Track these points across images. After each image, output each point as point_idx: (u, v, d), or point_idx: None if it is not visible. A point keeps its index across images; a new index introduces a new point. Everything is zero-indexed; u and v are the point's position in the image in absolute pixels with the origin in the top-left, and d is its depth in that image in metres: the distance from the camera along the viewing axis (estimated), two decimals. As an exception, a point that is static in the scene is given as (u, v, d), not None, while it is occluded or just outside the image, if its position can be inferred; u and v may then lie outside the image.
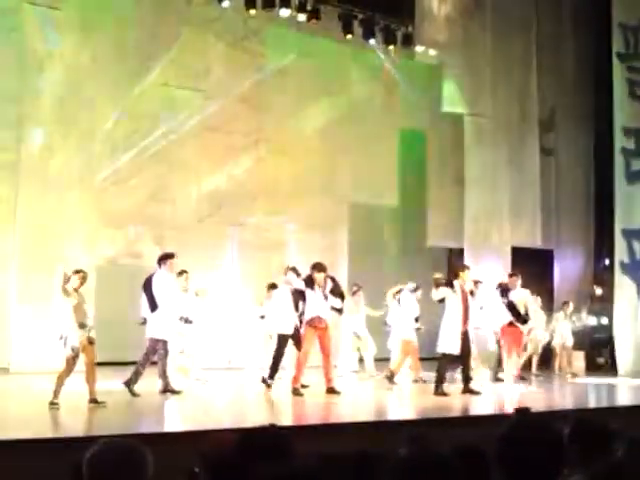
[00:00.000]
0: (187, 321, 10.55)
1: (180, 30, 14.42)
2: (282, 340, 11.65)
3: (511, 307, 12.19)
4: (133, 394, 10.14)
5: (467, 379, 11.33)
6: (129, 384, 10.21)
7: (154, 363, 10.68)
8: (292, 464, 2.69)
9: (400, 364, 12.72)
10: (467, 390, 11.21)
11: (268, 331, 12.50)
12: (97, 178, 14.09)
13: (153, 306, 10.60)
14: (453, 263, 17.15)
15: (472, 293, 11.57)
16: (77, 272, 9.46)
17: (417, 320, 12.92)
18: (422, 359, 13.20)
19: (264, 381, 11.27)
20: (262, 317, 12.74)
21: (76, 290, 9.27)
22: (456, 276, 11.44)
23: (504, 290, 12.30)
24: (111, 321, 10.62)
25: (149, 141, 14.64)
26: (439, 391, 10.99)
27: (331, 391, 10.76)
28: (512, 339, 12.25)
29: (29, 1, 13.30)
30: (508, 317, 12.19)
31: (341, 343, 13.73)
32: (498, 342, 13.06)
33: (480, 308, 12.47)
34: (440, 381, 11.09)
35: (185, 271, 12.29)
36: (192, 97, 15.03)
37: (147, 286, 10.73)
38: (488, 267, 16.08)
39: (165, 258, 10.81)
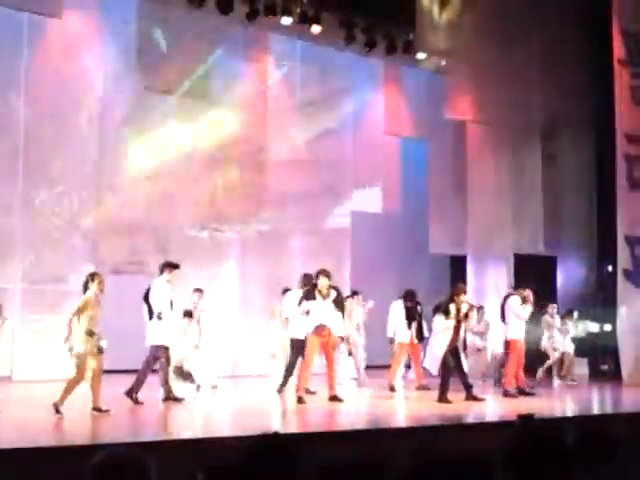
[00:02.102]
0: (159, 317, 10.54)
1: (182, 38, 14.44)
2: (296, 345, 11.72)
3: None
4: (136, 402, 10.13)
5: (468, 386, 11.30)
6: (131, 393, 10.20)
7: (155, 371, 10.67)
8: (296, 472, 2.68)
9: (392, 370, 12.69)
10: (470, 397, 11.20)
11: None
12: (99, 186, 14.11)
13: (151, 314, 10.62)
14: (455, 272, 17.19)
15: (467, 316, 11.45)
16: (93, 276, 9.42)
17: (410, 326, 12.91)
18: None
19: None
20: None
21: (97, 295, 9.25)
22: (452, 299, 11.40)
23: (523, 300, 12.28)
24: (114, 329, 10.60)
25: (152, 149, 14.66)
26: (443, 398, 10.97)
27: (334, 399, 10.75)
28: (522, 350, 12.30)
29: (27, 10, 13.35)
30: (523, 329, 12.21)
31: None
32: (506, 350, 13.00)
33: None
34: (444, 389, 11.06)
35: (200, 290, 12.29)
36: (194, 105, 15.06)
37: (147, 296, 10.77)
38: (491, 274, 16.09)
39: (169, 267, 10.78)
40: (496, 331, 14.20)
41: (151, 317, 10.62)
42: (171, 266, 10.80)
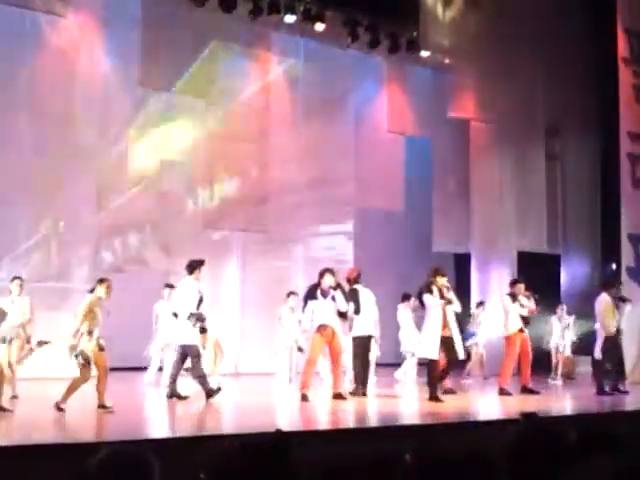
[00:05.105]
0: (175, 315, 10.56)
1: (185, 36, 14.43)
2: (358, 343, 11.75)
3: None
4: (180, 397, 10.26)
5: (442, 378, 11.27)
6: (173, 394, 10.24)
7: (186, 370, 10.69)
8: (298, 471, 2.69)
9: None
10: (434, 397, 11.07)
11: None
12: (102, 185, 14.12)
13: (175, 313, 10.60)
14: (459, 271, 17.19)
15: (446, 299, 11.15)
16: (102, 281, 9.45)
17: None
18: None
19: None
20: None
21: (101, 299, 9.27)
22: (431, 281, 11.27)
23: (513, 296, 12.25)
24: (117, 328, 10.62)
25: (153, 147, 14.67)
26: (433, 397, 10.92)
27: (338, 397, 10.75)
28: (521, 346, 12.23)
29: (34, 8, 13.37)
30: (518, 324, 12.16)
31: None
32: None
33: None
34: (434, 387, 11.02)
35: (171, 286, 12.31)
36: (197, 103, 15.06)
37: None
38: (494, 272, 16.09)
39: (196, 265, 10.71)
40: (492, 328, 14.25)
41: (175, 316, 10.61)
42: (198, 264, 10.72)
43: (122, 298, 11.98)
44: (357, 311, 11.50)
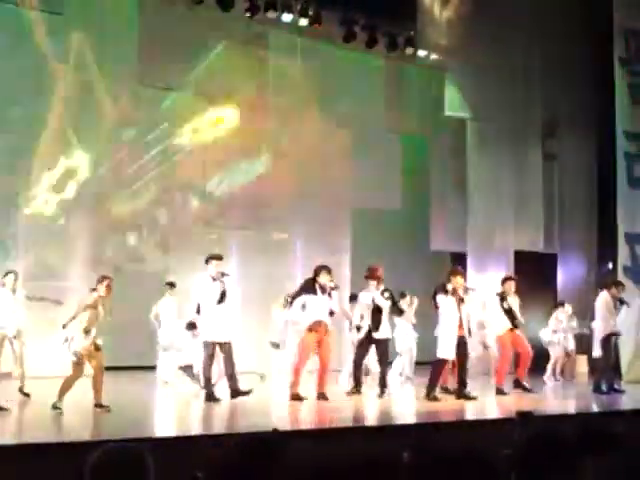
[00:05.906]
0: (198, 312, 10.55)
1: (182, 34, 14.43)
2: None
3: (509, 312, 12.15)
4: (215, 400, 10.18)
5: (463, 384, 11.20)
6: (210, 397, 10.20)
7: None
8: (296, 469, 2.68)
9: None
10: (462, 395, 11.09)
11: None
12: (100, 183, 14.11)
13: (197, 309, 10.52)
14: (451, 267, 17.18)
15: (462, 300, 11.05)
16: (102, 279, 9.43)
17: None
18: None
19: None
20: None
21: (102, 297, 9.25)
22: (448, 280, 11.20)
23: (502, 296, 12.24)
24: (114, 326, 10.59)
25: (152, 146, 14.66)
26: (431, 396, 10.90)
27: (321, 397, 10.67)
28: (515, 344, 12.21)
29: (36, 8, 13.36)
30: (507, 324, 12.14)
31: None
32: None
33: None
34: (433, 386, 11.01)
35: (172, 284, 12.31)
36: (194, 101, 15.06)
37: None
38: (491, 271, 16.09)
39: (209, 258, 10.62)
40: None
41: (198, 313, 10.54)
42: (211, 258, 10.62)
43: (120, 296, 12.00)
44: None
